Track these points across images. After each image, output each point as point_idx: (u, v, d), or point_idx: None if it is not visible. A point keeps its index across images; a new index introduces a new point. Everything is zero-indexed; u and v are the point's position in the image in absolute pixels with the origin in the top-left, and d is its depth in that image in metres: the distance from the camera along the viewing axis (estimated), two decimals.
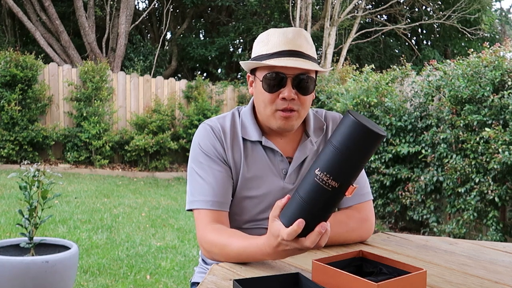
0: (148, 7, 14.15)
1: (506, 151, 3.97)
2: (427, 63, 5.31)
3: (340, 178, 0.95)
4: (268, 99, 1.33)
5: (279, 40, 1.32)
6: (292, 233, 0.98)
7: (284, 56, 1.30)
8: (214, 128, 1.38)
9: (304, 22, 11.23)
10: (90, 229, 4.59)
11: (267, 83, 1.32)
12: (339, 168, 0.95)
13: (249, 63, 1.35)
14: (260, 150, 1.39)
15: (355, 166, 0.95)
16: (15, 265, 2.47)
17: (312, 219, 0.98)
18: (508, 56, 4.51)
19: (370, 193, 1.45)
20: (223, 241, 1.22)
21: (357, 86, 5.75)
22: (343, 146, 0.94)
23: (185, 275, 3.51)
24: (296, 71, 1.30)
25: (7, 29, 12.55)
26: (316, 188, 0.97)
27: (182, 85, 9.81)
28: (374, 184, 5.36)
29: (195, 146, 1.38)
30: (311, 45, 1.36)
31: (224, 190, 1.33)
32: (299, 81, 1.31)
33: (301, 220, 0.97)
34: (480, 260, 1.29)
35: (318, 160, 0.97)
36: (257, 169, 1.37)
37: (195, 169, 1.36)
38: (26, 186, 2.65)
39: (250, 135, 1.38)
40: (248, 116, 1.41)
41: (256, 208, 1.37)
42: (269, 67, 1.32)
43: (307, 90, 1.33)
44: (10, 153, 7.83)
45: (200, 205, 1.32)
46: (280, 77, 1.30)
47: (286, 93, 1.30)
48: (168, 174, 8.93)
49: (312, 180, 0.97)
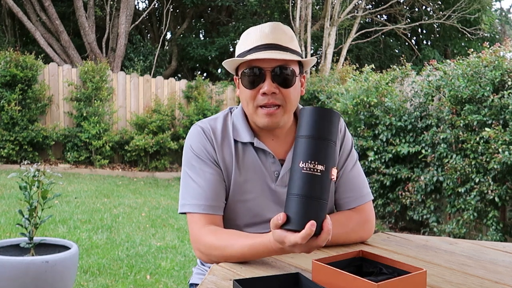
0: (148, 7, 14.15)
1: (506, 151, 3.97)
2: (427, 63, 5.31)
3: (323, 160, 1.00)
4: (249, 95, 1.31)
5: (256, 36, 1.30)
6: (307, 237, 0.98)
7: (261, 50, 1.27)
8: (205, 130, 1.36)
9: (304, 22, 11.23)
10: (90, 229, 4.59)
11: (246, 79, 1.30)
12: (318, 151, 1.00)
13: (228, 62, 1.32)
14: (252, 152, 1.36)
15: (328, 145, 1.02)
16: (15, 265, 2.47)
17: (318, 213, 1.00)
18: (508, 56, 4.51)
19: (370, 193, 1.44)
20: (223, 242, 1.20)
21: (357, 86, 5.75)
22: (310, 133, 1.02)
23: (185, 275, 3.51)
24: (274, 64, 1.27)
25: (7, 29, 12.56)
26: (307, 179, 0.99)
27: (182, 85, 9.81)
28: (374, 184, 5.35)
29: (187, 148, 1.37)
30: (290, 37, 1.32)
31: (216, 193, 1.32)
32: (278, 73, 1.27)
33: (312, 222, 0.98)
34: (480, 260, 1.29)
35: (296, 156, 1.02)
36: (248, 172, 1.35)
37: (188, 171, 1.34)
38: (26, 186, 2.64)
39: (242, 137, 1.36)
40: (240, 117, 1.39)
41: (249, 211, 1.35)
42: (246, 63, 1.30)
43: (288, 82, 1.29)
44: (10, 153, 7.83)
45: (192, 208, 1.30)
46: (257, 71, 1.28)
47: (266, 87, 1.27)
48: (168, 174, 8.93)
49: (300, 173, 1.00)
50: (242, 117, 1.39)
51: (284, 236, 1.01)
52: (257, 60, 1.27)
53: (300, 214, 0.99)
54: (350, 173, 1.43)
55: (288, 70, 1.28)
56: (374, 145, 5.33)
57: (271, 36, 1.29)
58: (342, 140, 1.44)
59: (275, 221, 1.02)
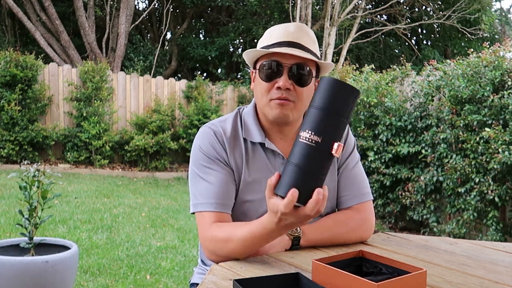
0: (148, 7, 14.15)
1: (506, 151, 3.97)
2: (427, 63, 5.31)
3: (321, 132, 0.96)
4: (265, 88, 1.32)
5: (280, 33, 1.33)
6: (289, 204, 0.98)
7: (283, 46, 1.30)
8: (217, 133, 1.36)
9: (304, 22, 11.23)
10: (90, 229, 4.59)
11: (264, 72, 1.32)
12: (318, 122, 0.97)
13: (248, 53, 1.35)
14: (261, 152, 1.37)
15: (334, 120, 0.97)
16: (15, 265, 2.46)
17: (305, 183, 0.98)
18: (508, 56, 4.51)
19: (370, 193, 1.45)
20: (225, 234, 1.21)
21: (357, 86, 5.74)
22: (320, 103, 0.98)
23: (185, 275, 3.51)
24: (292, 61, 1.29)
25: (7, 29, 12.56)
26: (301, 148, 0.97)
27: (182, 85, 9.81)
28: (374, 184, 5.36)
29: (196, 149, 1.37)
30: (313, 40, 1.35)
31: (226, 192, 1.32)
32: (295, 71, 1.30)
33: (294, 189, 0.97)
34: (480, 260, 1.29)
35: (301, 125, 1.00)
36: (257, 173, 1.36)
37: (197, 172, 1.35)
38: (26, 186, 2.64)
39: (252, 136, 1.37)
40: (251, 116, 1.40)
41: (257, 211, 1.36)
42: (267, 56, 1.32)
43: (303, 81, 1.31)
44: (10, 153, 7.83)
45: (203, 207, 1.30)
46: (276, 65, 1.30)
47: (282, 82, 1.29)
48: (168, 174, 8.93)
49: (297, 142, 0.99)
50: (253, 116, 1.40)
51: (276, 204, 1.01)
52: (277, 55, 1.30)
53: (287, 181, 0.99)
54: (351, 171, 1.44)
55: (305, 70, 1.31)
56: (374, 145, 5.33)
57: (295, 34, 1.31)
58: (345, 140, 1.46)
59: (268, 182, 1.02)
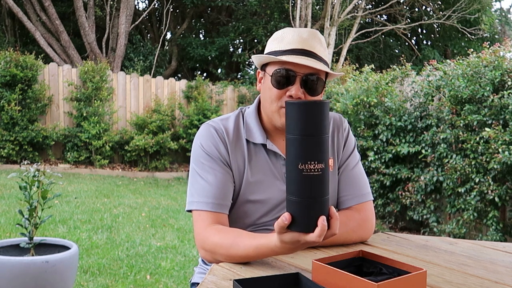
0: (148, 7, 14.15)
1: (506, 151, 3.97)
2: (427, 63, 5.31)
3: (321, 157, 0.96)
4: (276, 95, 1.32)
5: (293, 39, 1.32)
6: (321, 234, 0.98)
7: (297, 54, 1.29)
8: (218, 130, 1.36)
9: (304, 22, 11.23)
10: (90, 229, 4.59)
11: (277, 79, 1.31)
12: (314, 149, 0.96)
13: (261, 57, 1.34)
14: (263, 153, 1.38)
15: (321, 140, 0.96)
16: (15, 265, 2.47)
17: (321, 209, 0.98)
18: (508, 56, 4.51)
19: (370, 193, 1.45)
20: (228, 242, 1.20)
21: (357, 86, 5.75)
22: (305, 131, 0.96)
23: (185, 275, 3.51)
24: (306, 70, 1.30)
25: (7, 29, 12.55)
26: (310, 181, 0.96)
27: (182, 85, 9.81)
28: (374, 184, 5.35)
29: (197, 147, 1.37)
30: (324, 48, 1.36)
31: (224, 192, 1.32)
32: (308, 80, 1.30)
33: (323, 217, 0.97)
34: (480, 260, 1.29)
35: (291, 157, 0.97)
36: (260, 173, 1.36)
37: (196, 169, 1.35)
38: (26, 186, 2.64)
39: (254, 137, 1.38)
40: (253, 117, 1.40)
41: (258, 212, 1.37)
42: (280, 63, 1.31)
43: (315, 91, 1.32)
44: (10, 153, 7.83)
45: (200, 206, 1.30)
46: (290, 74, 1.30)
47: (294, 91, 1.29)
48: (168, 174, 8.93)
49: (301, 176, 0.96)
50: (255, 117, 1.40)
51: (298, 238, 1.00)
52: (291, 63, 1.29)
53: (309, 216, 0.98)
54: (351, 171, 1.45)
55: (317, 80, 1.31)
56: (374, 145, 5.33)
57: (309, 42, 1.31)
58: (345, 140, 1.47)
59: (280, 223, 1.00)
